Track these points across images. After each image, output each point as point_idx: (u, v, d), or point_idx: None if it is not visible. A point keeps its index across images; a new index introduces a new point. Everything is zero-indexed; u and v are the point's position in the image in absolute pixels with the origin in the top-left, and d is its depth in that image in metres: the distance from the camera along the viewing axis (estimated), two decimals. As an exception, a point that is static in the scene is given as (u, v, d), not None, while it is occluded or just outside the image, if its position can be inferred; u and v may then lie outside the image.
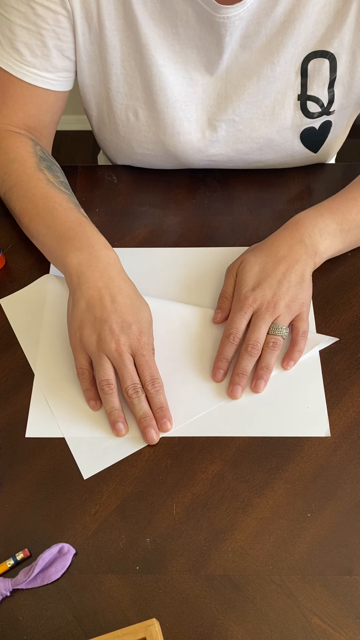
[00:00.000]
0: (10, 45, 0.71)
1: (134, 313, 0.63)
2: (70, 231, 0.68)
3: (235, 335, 0.65)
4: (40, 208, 0.70)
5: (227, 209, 0.81)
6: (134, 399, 0.61)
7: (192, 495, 0.59)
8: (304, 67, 0.72)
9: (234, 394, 0.64)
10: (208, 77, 0.74)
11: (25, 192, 0.72)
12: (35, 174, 0.72)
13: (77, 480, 0.60)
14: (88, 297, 0.64)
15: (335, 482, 0.59)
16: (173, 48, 0.71)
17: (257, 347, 0.64)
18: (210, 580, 0.54)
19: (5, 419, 0.64)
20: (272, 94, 0.75)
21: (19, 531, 0.57)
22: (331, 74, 0.73)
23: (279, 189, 0.83)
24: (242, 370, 0.64)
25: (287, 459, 0.60)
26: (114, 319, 0.62)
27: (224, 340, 0.66)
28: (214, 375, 0.65)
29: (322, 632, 0.52)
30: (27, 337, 0.69)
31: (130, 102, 0.76)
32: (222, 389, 0.65)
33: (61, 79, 0.75)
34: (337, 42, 0.71)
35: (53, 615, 0.53)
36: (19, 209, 0.72)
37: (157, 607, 0.53)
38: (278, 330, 0.65)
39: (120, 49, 0.72)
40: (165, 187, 0.83)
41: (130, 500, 0.59)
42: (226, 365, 0.65)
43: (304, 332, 0.66)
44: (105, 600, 0.54)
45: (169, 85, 0.74)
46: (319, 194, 0.83)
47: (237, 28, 0.68)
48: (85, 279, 0.64)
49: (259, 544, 0.56)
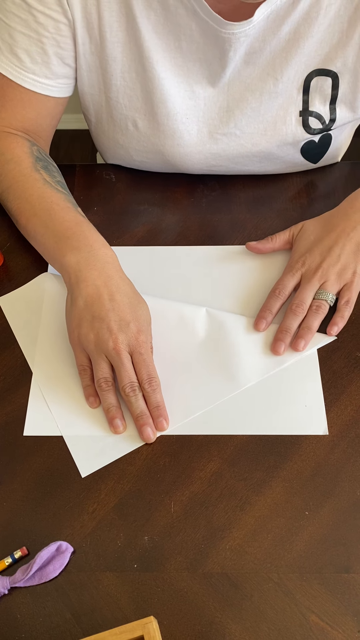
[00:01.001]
0: (10, 51, 0.70)
1: (133, 311, 0.64)
2: (67, 231, 0.68)
3: (282, 290, 0.69)
4: (37, 208, 0.70)
5: (226, 208, 0.81)
6: (131, 397, 0.61)
7: (190, 494, 0.59)
8: (307, 84, 0.73)
9: (276, 349, 0.66)
10: (210, 90, 0.74)
11: (21, 193, 0.72)
12: (32, 174, 0.72)
13: (75, 479, 0.60)
14: (86, 295, 0.64)
15: (333, 480, 0.59)
16: (175, 61, 0.71)
17: (302, 307, 0.67)
18: (208, 578, 0.54)
19: (3, 418, 0.64)
20: (274, 109, 0.75)
21: (16, 529, 0.57)
22: (333, 91, 0.73)
23: (278, 187, 0.83)
24: (285, 328, 0.67)
25: (285, 457, 0.61)
26: (112, 317, 0.62)
27: (271, 294, 0.69)
28: (257, 324, 0.68)
29: (320, 630, 0.52)
30: (25, 335, 0.69)
31: (130, 113, 0.76)
32: (221, 387, 0.65)
33: (61, 86, 0.75)
34: (340, 62, 0.71)
35: (51, 613, 0.53)
36: (15, 209, 0.72)
37: (155, 605, 0.53)
38: (323, 295, 0.68)
39: (121, 60, 0.72)
40: (163, 186, 0.83)
41: (128, 498, 0.59)
42: (270, 317, 0.68)
43: (347, 300, 0.68)
44: (103, 598, 0.54)
45: (170, 98, 0.73)
46: (318, 192, 0.83)
47: (242, 44, 0.68)
48: (84, 278, 0.64)
49: (257, 542, 0.56)
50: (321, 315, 0.68)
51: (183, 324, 0.69)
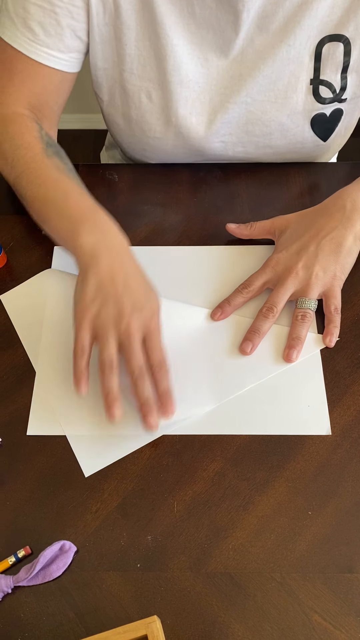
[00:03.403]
0: (24, 24, 0.71)
1: (146, 297, 0.63)
2: (83, 216, 0.67)
3: (246, 286, 0.68)
4: (52, 194, 0.69)
5: (229, 208, 0.81)
6: (138, 381, 0.59)
7: (193, 493, 0.59)
8: (318, 50, 0.73)
9: (243, 349, 0.66)
10: (223, 60, 0.74)
11: (34, 179, 0.71)
12: (44, 160, 0.72)
13: (78, 478, 0.60)
14: (101, 276, 0.62)
15: (336, 480, 0.59)
16: (189, 28, 0.72)
17: (273, 311, 0.66)
18: (211, 577, 0.55)
19: (7, 417, 0.64)
20: (285, 77, 0.75)
21: (20, 529, 0.57)
22: (345, 58, 0.73)
23: (281, 188, 0.83)
24: (254, 329, 0.66)
25: (288, 457, 0.61)
26: (126, 299, 0.61)
27: (237, 289, 0.69)
28: (213, 313, 0.68)
29: (323, 630, 0.52)
30: (29, 334, 0.69)
31: (144, 83, 0.77)
32: (224, 387, 0.65)
33: (72, 60, 0.75)
34: (352, 27, 0.71)
35: (54, 612, 0.53)
36: (29, 195, 0.72)
37: (158, 605, 0.53)
38: (306, 304, 0.66)
39: (135, 28, 0.72)
40: (166, 186, 0.83)
41: (131, 498, 0.59)
42: (228, 308, 0.68)
43: (336, 308, 0.67)
44: (106, 597, 0.54)
45: (183, 65, 0.74)
46: (320, 192, 0.83)
47: (255, 4, 0.68)
48: (98, 260, 0.63)
49: (260, 541, 0.56)
50: (308, 324, 0.67)
51: (185, 324, 0.70)
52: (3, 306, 0.72)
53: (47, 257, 0.76)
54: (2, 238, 0.78)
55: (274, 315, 0.66)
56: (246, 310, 0.71)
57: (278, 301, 0.66)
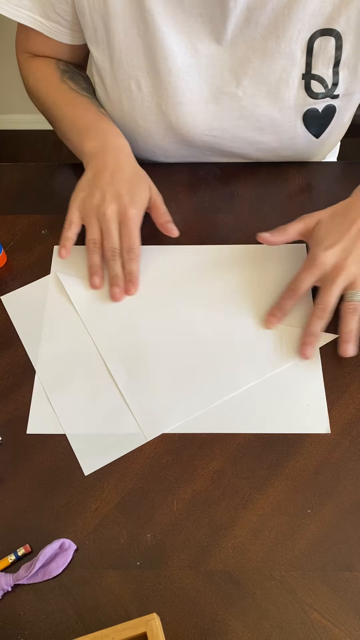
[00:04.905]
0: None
1: (129, 188, 0.72)
2: (88, 126, 0.79)
3: (294, 289, 0.67)
4: (64, 112, 0.82)
5: (228, 207, 0.81)
6: (110, 261, 0.71)
7: (192, 492, 0.59)
8: (310, 45, 0.73)
9: (304, 353, 0.66)
10: (212, 48, 0.74)
11: (53, 104, 0.83)
12: (60, 85, 0.83)
13: (78, 477, 0.60)
14: (95, 169, 0.74)
15: (335, 478, 0.59)
16: (177, 17, 0.72)
17: (327, 311, 0.65)
18: (211, 575, 0.55)
19: (7, 416, 0.64)
20: (277, 72, 0.75)
21: (20, 527, 0.57)
22: (336, 53, 0.73)
23: (280, 187, 0.83)
24: (311, 332, 0.66)
25: (287, 455, 0.61)
26: (109, 189, 0.72)
27: (285, 293, 0.68)
28: (266, 321, 0.69)
29: (322, 628, 0.52)
30: (29, 333, 0.69)
31: (133, 72, 0.77)
32: (223, 386, 0.65)
33: (53, 29, 0.80)
34: (343, 20, 0.71)
35: (54, 610, 0.53)
36: (52, 120, 0.85)
37: (158, 602, 0.53)
38: (356, 296, 0.65)
39: (122, 16, 0.73)
40: (165, 185, 0.83)
41: (131, 496, 0.59)
42: (281, 315, 0.68)
43: None
44: (106, 595, 0.54)
45: (172, 54, 0.74)
46: (320, 192, 0.83)
47: None
48: (96, 158, 0.75)
49: (259, 540, 0.56)
50: (357, 316, 0.65)
51: (185, 323, 0.70)
52: (3, 306, 0.72)
53: (47, 257, 0.76)
54: (2, 238, 0.78)
55: (327, 315, 0.65)
56: (245, 307, 0.71)
57: (331, 300, 0.65)
